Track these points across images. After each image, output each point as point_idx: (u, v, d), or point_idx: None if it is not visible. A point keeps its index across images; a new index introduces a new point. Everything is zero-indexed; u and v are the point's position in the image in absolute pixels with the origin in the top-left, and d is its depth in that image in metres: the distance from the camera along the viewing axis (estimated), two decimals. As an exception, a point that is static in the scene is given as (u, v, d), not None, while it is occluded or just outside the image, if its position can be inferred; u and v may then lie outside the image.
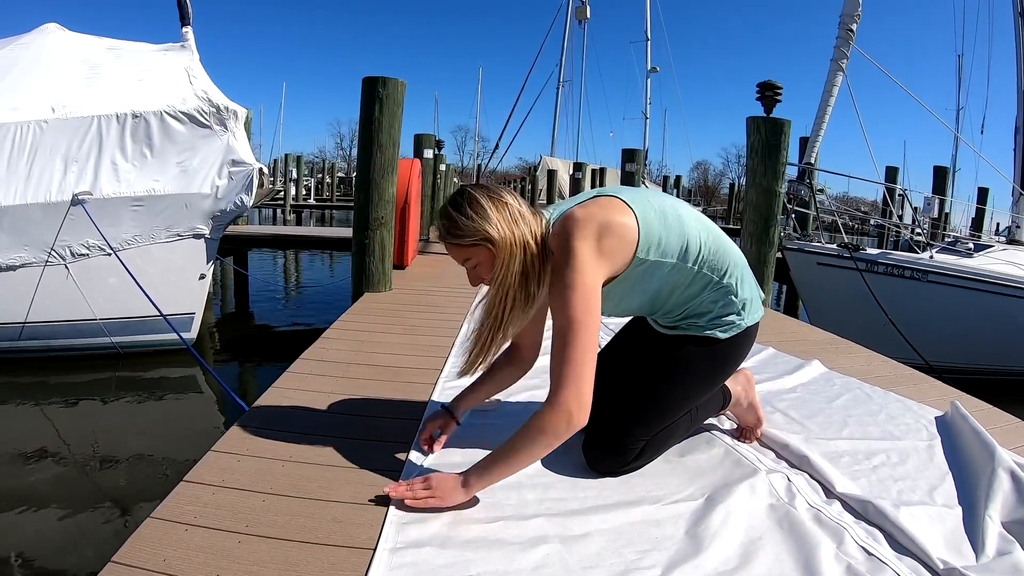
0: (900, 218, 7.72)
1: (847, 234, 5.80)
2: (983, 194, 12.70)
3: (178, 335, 4.03)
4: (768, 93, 4.20)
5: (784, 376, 2.27)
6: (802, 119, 7.43)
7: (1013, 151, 8.33)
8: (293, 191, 23.60)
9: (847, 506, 1.31)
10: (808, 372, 2.34)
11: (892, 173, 11.79)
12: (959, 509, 1.33)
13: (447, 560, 1.07)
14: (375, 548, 1.09)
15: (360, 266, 3.90)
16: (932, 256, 5.51)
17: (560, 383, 1.19)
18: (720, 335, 1.42)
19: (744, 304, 1.44)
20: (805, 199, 6.07)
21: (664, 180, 28.54)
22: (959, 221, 14.63)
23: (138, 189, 4.41)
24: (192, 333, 4.81)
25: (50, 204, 4.18)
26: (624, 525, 1.21)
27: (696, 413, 1.57)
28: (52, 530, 2.48)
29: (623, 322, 1.71)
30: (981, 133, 20.06)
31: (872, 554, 1.14)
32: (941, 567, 1.09)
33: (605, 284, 1.30)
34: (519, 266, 1.27)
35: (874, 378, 2.35)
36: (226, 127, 4.69)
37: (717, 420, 1.77)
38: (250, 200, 4.71)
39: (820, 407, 1.96)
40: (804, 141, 6.73)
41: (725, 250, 1.41)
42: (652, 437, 1.43)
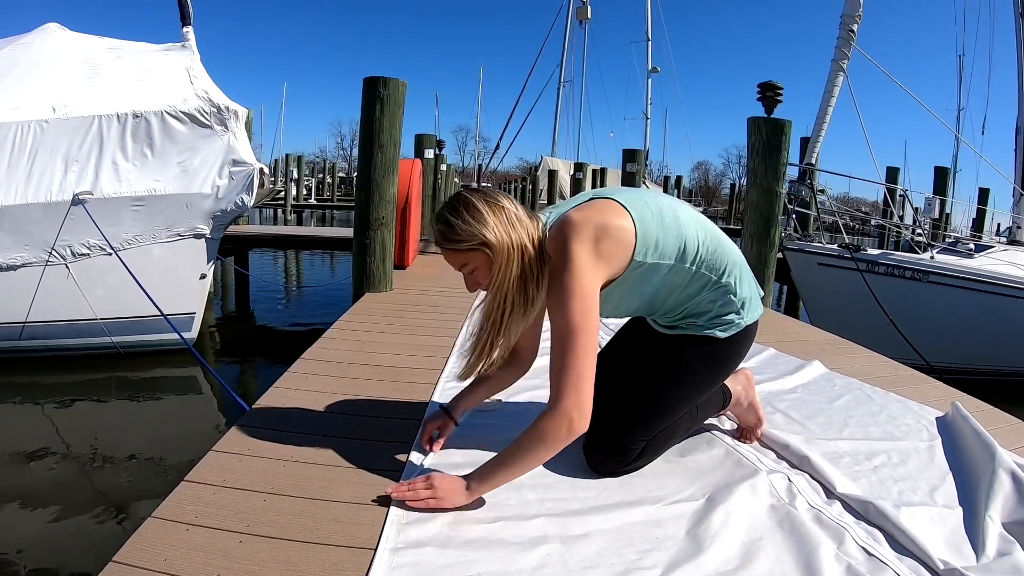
0: (901, 219, 7.72)
1: (848, 234, 5.80)
2: (984, 195, 12.71)
3: (179, 335, 4.03)
4: (769, 93, 4.20)
5: (785, 376, 2.27)
6: (803, 119, 7.44)
7: (1014, 151, 8.33)
8: (294, 191, 23.62)
9: (848, 506, 1.32)
10: (809, 372, 2.34)
11: (893, 173, 11.80)
12: (959, 510, 1.33)
13: (448, 560, 1.07)
14: (376, 548, 1.09)
15: (361, 266, 3.90)
16: (933, 257, 5.51)
17: (560, 389, 1.19)
18: (720, 334, 1.42)
19: (743, 303, 1.43)
20: (806, 199, 6.07)
21: (665, 180, 28.54)
22: (960, 222, 14.67)
23: (139, 189, 4.41)
24: (193, 333, 4.81)
25: (51, 204, 4.19)
26: (625, 525, 1.21)
27: (696, 412, 1.57)
28: (53, 530, 2.48)
29: (622, 322, 1.71)
30: (982, 134, 20.05)
31: (873, 554, 1.14)
32: (941, 567, 1.09)
33: (603, 287, 1.30)
34: (517, 270, 1.27)
35: (875, 379, 2.35)
36: (227, 127, 4.69)
37: (718, 420, 1.77)
38: (251, 200, 4.71)
39: (821, 407, 1.96)
40: (805, 141, 6.73)
41: (723, 249, 1.41)
42: (652, 437, 1.43)
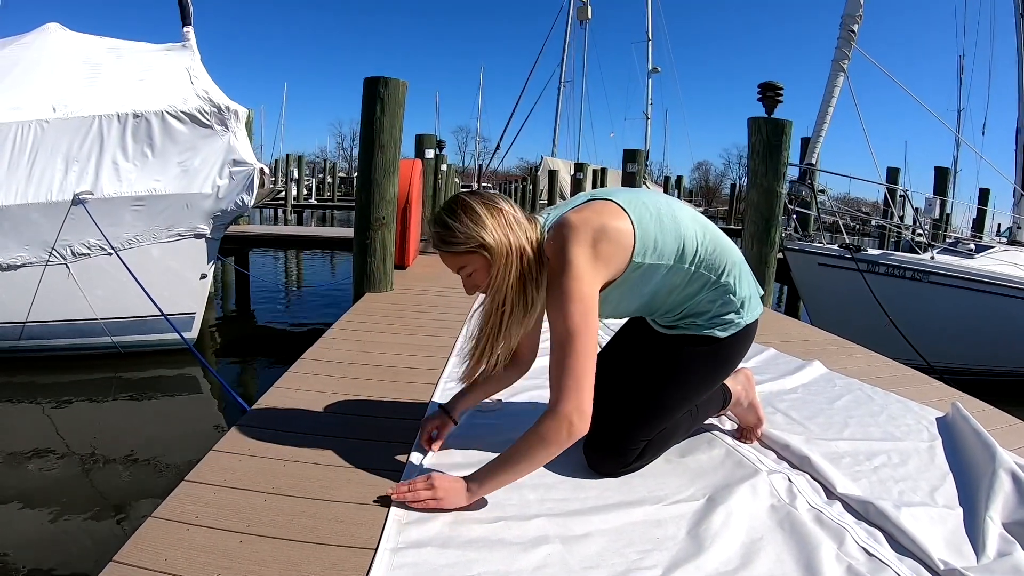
0: (901, 219, 7.71)
1: (848, 235, 5.80)
2: (984, 195, 12.71)
3: (179, 335, 4.03)
4: (769, 94, 4.20)
5: (785, 377, 2.27)
6: (803, 120, 7.45)
7: (1014, 152, 8.33)
8: (294, 191, 23.63)
9: (848, 507, 1.32)
10: (809, 373, 2.34)
11: (893, 174, 11.80)
12: (960, 510, 1.33)
13: (448, 560, 1.07)
14: (376, 548, 1.10)
15: (361, 266, 3.90)
16: (933, 257, 5.50)
17: (561, 393, 1.19)
18: (719, 334, 1.42)
19: (743, 302, 1.43)
20: (806, 200, 6.07)
21: (665, 181, 28.53)
22: (960, 222, 14.67)
23: (139, 189, 4.41)
24: (193, 333, 4.81)
25: (51, 204, 4.19)
26: (625, 525, 1.21)
27: (697, 412, 1.57)
28: (53, 529, 2.48)
29: (622, 321, 1.71)
30: (982, 134, 20.07)
31: (873, 555, 1.14)
32: (942, 568, 1.09)
33: (602, 289, 1.30)
34: (515, 272, 1.26)
35: (875, 379, 2.35)
36: (227, 127, 4.69)
37: (718, 421, 1.77)
38: (251, 200, 4.71)
39: (821, 408, 1.96)
40: (805, 142, 6.73)
41: (722, 248, 1.40)
42: (653, 438, 1.43)
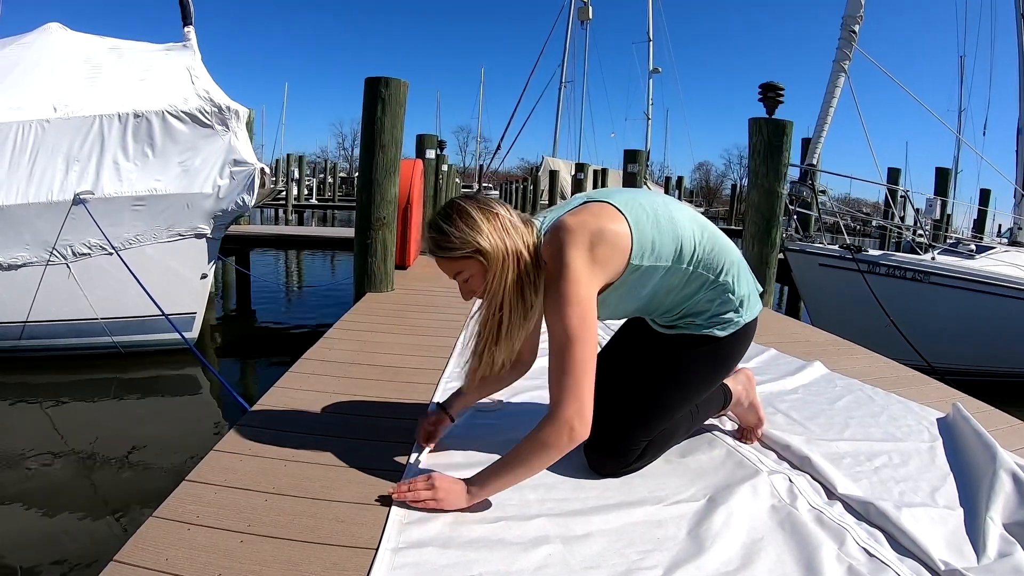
0: (902, 219, 7.71)
1: (849, 235, 5.80)
2: (985, 195, 12.71)
3: (180, 335, 4.03)
4: (770, 94, 4.20)
5: (786, 377, 2.27)
6: (804, 120, 7.44)
7: (1015, 152, 8.33)
8: (295, 191, 23.65)
9: (849, 507, 1.31)
10: (810, 373, 2.34)
11: (894, 174, 11.81)
12: (960, 510, 1.33)
13: (449, 560, 1.07)
14: (377, 548, 1.10)
15: (362, 266, 3.90)
16: (934, 257, 5.51)
17: (561, 398, 1.19)
18: (719, 333, 1.42)
19: (742, 301, 1.43)
20: (807, 200, 6.07)
21: (666, 181, 28.50)
22: (961, 222, 14.65)
23: (140, 188, 4.42)
24: (193, 333, 4.81)
25: (52, 203, 4.19)
26: (626, 525, 1.21)
27: (697, 412, 1.57)
28: (54, 529, 2.49)
29: (621, 321, 1.71)
30: (983, 134, 20.10)
31: (874, 555, 1.14)
32: (942, 568, 1.09)
33: (600, 292, 1.29)
34: (512, 277, 1.25)
35: (876, 379, 2.35)
36: (228, 127, 4.69)
37: (719, 421, 1.77)
38: (252, 200, 4.72)
39: (822, 408, 1.96)
40: (806, 142, 6.74)
41: (720, 247, 1.40)
42: (653, 438, 1.43)
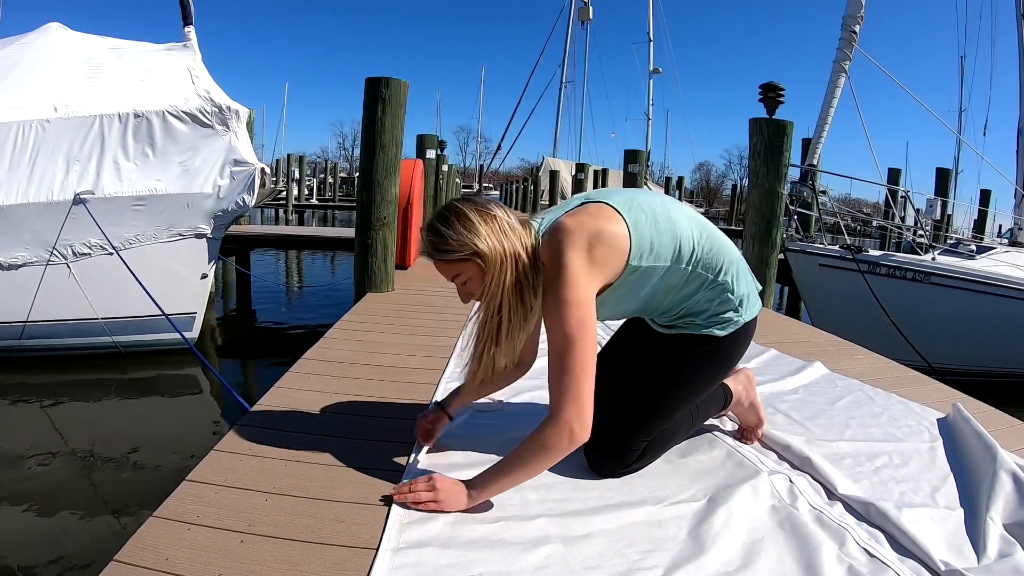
0: (902, 220, 7.71)
1: (849, 236, 5.80)
2: (985, 196, 12.72)
3: (180, 334, 4.04)
4: (771, 94, 4.20)
5: (786, 377, 2.27)
6: (805, 120, 7.44)
7: (1016, 153, 8.33)
8: (295, 191, 23.64)
9: (849, 508, 1.31)
10: (810, 374, 2.34)
11: (895, 175, 11.81)
12: (961, 511, 1.33)
13: (449, 560, 1.07)
14: (378, 548, 1.10)
15: (363, 266, 3.91)
16: (934, 258, 5.51)
17: (561, 400, 1.18)
18: (718, 332, 1.42)
19: (741, 300, 1.42)
20: (807, 200, 6.07)
21: (666, 181, 28.47)
22: (961, 223, 14.65)
23: (140, 188, 4.42)
24: (194, 332, 4.81)
25: (52, 203, 4.19)
26: (626, 526, 1.21)
27: (697, 412, 1.56)
28: (54, 529, 2.49)
29: (621, 320, 1.71)
30: (984, 135, 20.10)
31: (874, 556, 1.14)
32: (943, 569, 1.09)
33: (599, 293, 1.29)
34: (511, 279, 1.24)
35: (876, 380, 2.35)
36: (228, 127, 4.69)
37: (719, 421, 1.77)
38: (252, 200, 4.72)
39: (822, 408, 1.96)
40: (807, 142, 6.74)
41: (719, 247, 1.39)
42: (653, 438, 1.43)
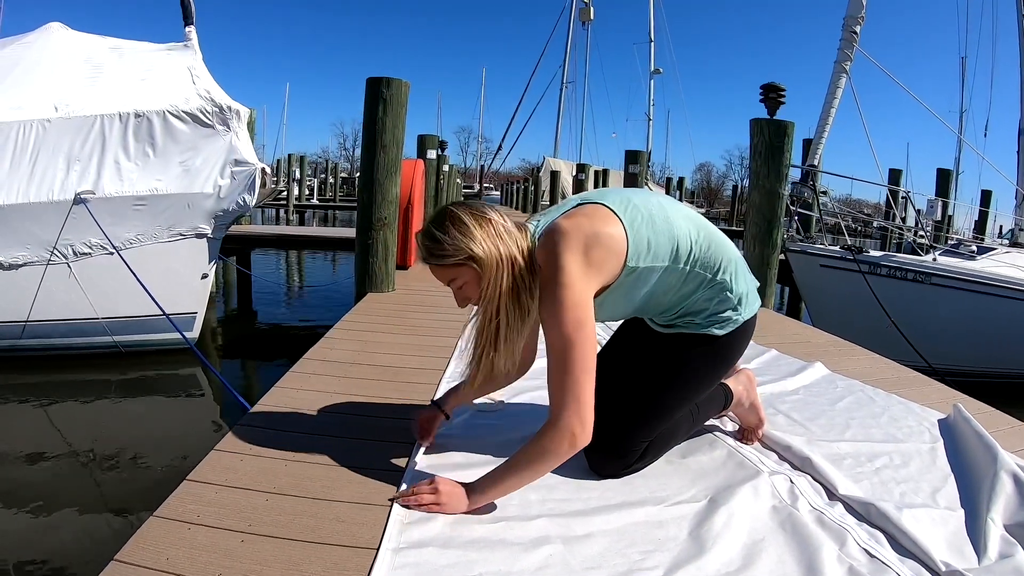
0: (903, 220, 7.71)
1: (850, 236, 5.80)
2: (986, 196, 12.72)
3: (181, 334, 4.04)
4: (772, 95, 4.20)
5: (787, 378, 2.27)
6: (805, 121, 7.43)
7: (1016, 153, 8.34)
8: (296, 191, 23.66)
9: (849, 508, 1.31)
10: (811, 374, 2.34)
11: (895, 175, 11.82)
12: (961, 511, 1.33)
13: (450, 560, 1.07)
14: (378, 548, 1.10)
15: (363, 266, 3.90)
16: (935, 258, 5.51)
17: (561, 404, 1.18)
18: (717, 332, 1.41)
19: (740, 299, 1.42)
20: (808, 201, 6.07)
21: (667, 182, 28.45)
22: (962, 223, 14.64)
23: (141, 188, 4.42)
24: (194, 332, 4.82)
25: (53, 203, 4.19)
26: (627, 526, 1.21)
27: (697, 412, 1.56)
28: (54, 529, 2.49)
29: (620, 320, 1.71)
30: (984, 135, 20.12)
31: (874, 556, 1.14)
32: (943, 569, 1.09)
33: (597, 294, 1.28)
34: (507, 282, 1.24)
35: (877, 380, 2.35)
36: (229, 127, 4.70)
37: (719, 422, 1.77)
38: (252, 200, 4.72)
39: (823, 409, 1.96)
40: (807, 143, 6.73)
41: (718, 246, 1.39)
42: (654, 438, 1.43)
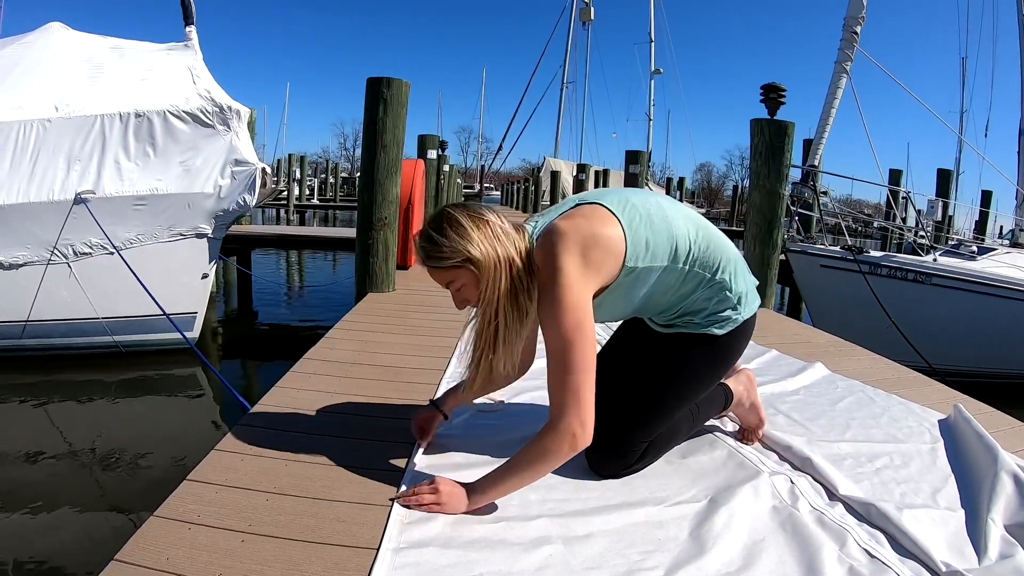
0: (904, 221, 7.71)
1: (850, 236, 5.80)
2: (987, 197, 12.72)
3: (181, 334, 4.04)
4: (772, 95, 4.20)
5: (787, 378, 2.27)
6: (806, 121, 7.42)
7: (1017, 154, 8.33)
8: (296, 191, 23.66)
9: (850, 508, 1.31)
10: (811, 374, 2.33)
11: (896, 176, 11.82)
12: (962, 512, 1.33)
13: (450, 560, 1.07)
14: (378, 548, 1.10)
15: (364, 266, 3.90)
16: (935, 259, 5.50)
17: (562, 406, 1.18)
18: (717, 331, 1.41)
19: (739, 298, 1.42)
20: (809, 201, 6.07)
21: (667, 182, 28.46)
22: (963, 224, 14.63)
23: (141, 188, 4.42)
24: (194, 332, 4.82)
25: (53, 203, 4.19)
26: (627, 526, 1.21)
27: (698, 412, 1.56)
28: (55, 528, 2.49)
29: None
30: (985, 136, 20.13)
31: (875, 556, 1.14)
32: (943, 570, 1.09)
33: (595, 295, 1.28)
34: (505, 284, 1.23)
35: (877, 381, 2.35)
36: (229, 127, 4.70)
37: (720, 422, 1.76)
38: (253, 200, 4.72)
39: (823, 409, 1.96)
40: (808, 143, 6.73)
41: (716, 245, 1.39)
42: (654, 439, 1.43)
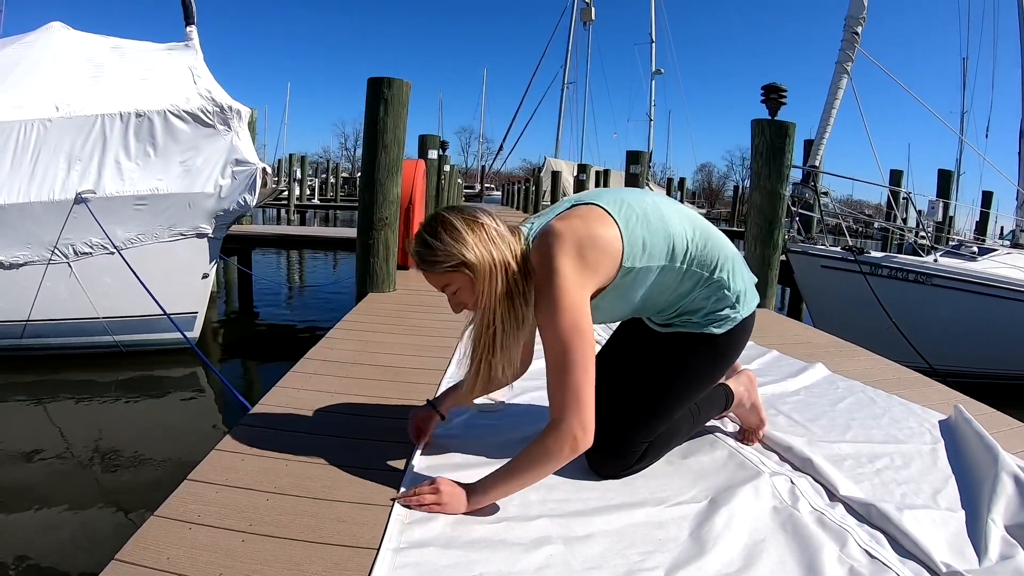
0: (904, 221, 7.71)
1: (851, 237, 5.80)
2: (987, 197, 12.73)
3: (182, 334, 4.04)
4: (773, 95, 4.20)
5: (788, 379, 2.27)
6: (807, 121, 7.41)
7: (1018, 154, 8.34)
8: (297, 191, 23.67)
9: (850, 509, 1.31)
10: (812, 375, 2.33)
11: (896, 176, 11.81)
12: (962, 512, 1.33)
13: (450, 560, 1.07)
14: (379, 548, 1.10)
15: (364, 266, 3.91)
16: (936, 260, 5.50)
17: (562, 408, 1.18)
18: (716, 330, 1.41)
19: (738, 297, 1.41)
20: (809, 202, 6.07)
21: (668, 182, 28.46)
22: (963, 224, 14.63)
23: (141, 188, 4.43)
24: (195, 332, 4.82)
25: (53, 202, 4.20)
26: (627, 527, 1.21)
27: (698, 412, 1.56)
28: (55, 528, 2.49)
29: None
30: (986, 136, 20.13)
31: (875, 557, 1.14)
32: (944, 570, 1.09)
33: (593, 296, 1.28)
34: (502, 287, 1.23)
35: (878, 381, 2.35)
36: (230, 126, 4.70)
37: (720, 422, 1.76)
38: (253, 200, 4.72)
39: (824, 410, 1.96)
40: (809, 144, 6.74)
41: (714, 244, 1.38)
42: (654, 439, 1.43)
